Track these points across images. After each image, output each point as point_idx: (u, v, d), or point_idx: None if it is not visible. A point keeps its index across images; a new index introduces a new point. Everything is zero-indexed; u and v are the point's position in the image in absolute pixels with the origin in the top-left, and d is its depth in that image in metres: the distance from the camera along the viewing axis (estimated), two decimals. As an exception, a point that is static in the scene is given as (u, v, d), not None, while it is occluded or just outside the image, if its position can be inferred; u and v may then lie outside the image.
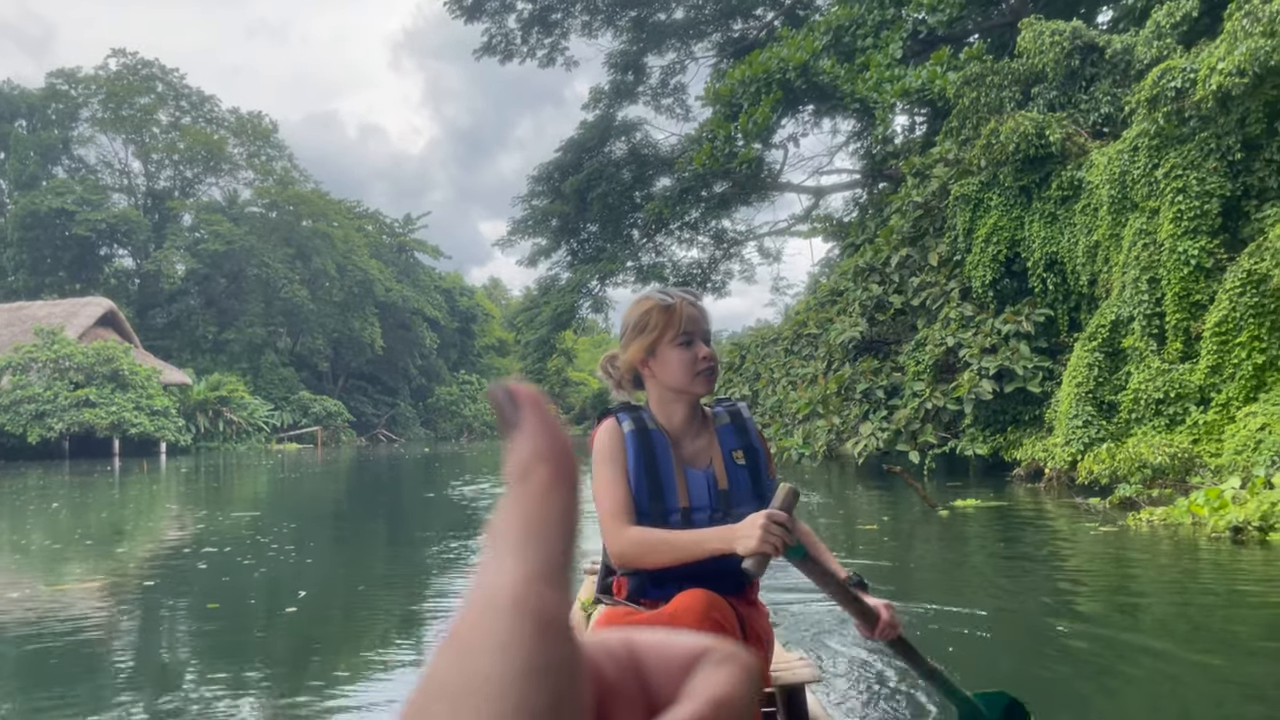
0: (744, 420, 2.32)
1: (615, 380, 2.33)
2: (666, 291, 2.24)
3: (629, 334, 2.25)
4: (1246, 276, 11.75)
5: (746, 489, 2.21)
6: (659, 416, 2.26)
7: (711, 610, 1.96)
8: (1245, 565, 6.80)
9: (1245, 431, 11.03)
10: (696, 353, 2.19)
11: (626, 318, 2.28)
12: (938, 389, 16.38)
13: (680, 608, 1.97)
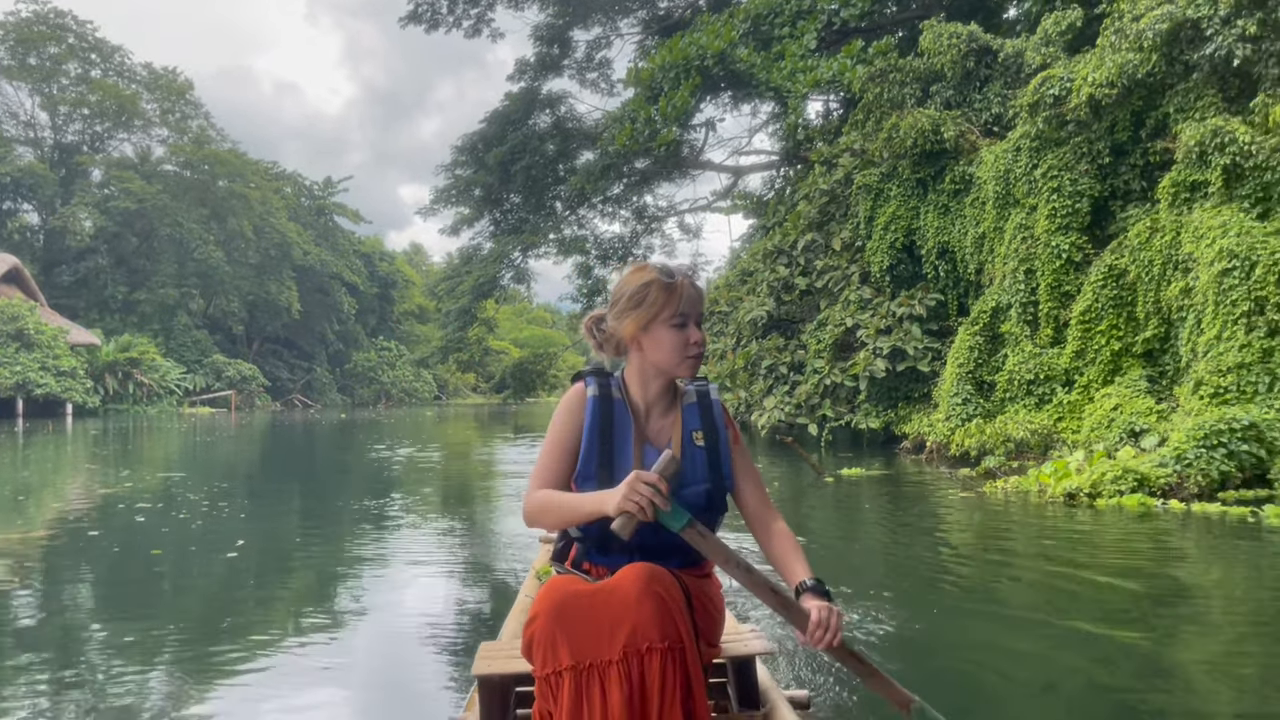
0: (710, 401, 2.28)
1: (597, 342, 2.29)
2: (668, 268, 2.20)
3: (624, 304, 2.19)
4: (1108, 271, 12.96)
5: (702, 469, 2.19)
6: (633, 388, 2.25)
7: (653, 583, 1.95)
8: (1072, 524, 7.85)
9: (1101, 411, 12.22)
10: (689, 336, 2.18)
11: (623, 285, 2.22)
12: (836, 366, 17.45)
13: (622, 579, 1.98)
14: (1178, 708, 3.51)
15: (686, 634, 1.93)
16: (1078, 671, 3.92)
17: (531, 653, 1.97)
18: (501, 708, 2.28)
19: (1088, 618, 4.76)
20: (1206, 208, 11.59)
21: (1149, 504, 8.71)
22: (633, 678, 1.86)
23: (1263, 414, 9.64)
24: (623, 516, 1.90)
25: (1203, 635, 4.55)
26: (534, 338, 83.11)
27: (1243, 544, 6.92)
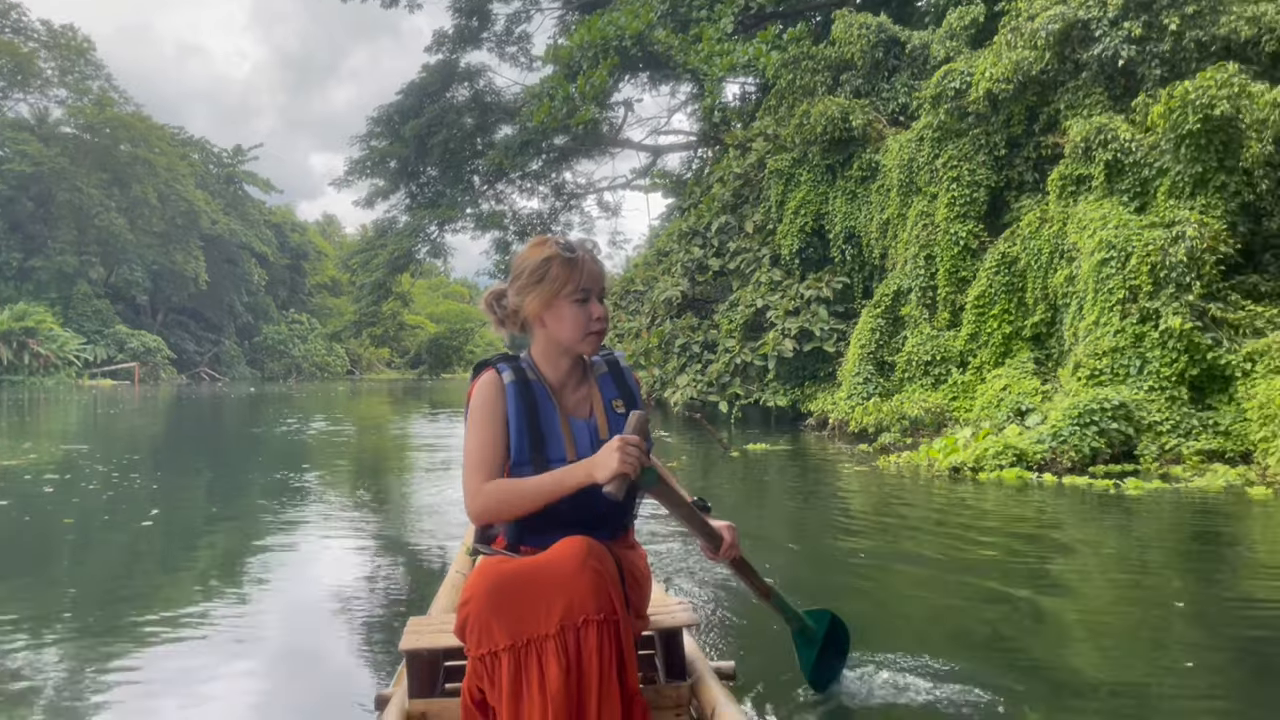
0: (621, 369, 2.32)
1: (499, 319, 2.27)
2: (569, 243, 2.19)
3: (525, 280, 2.18)
4: (1001, 258, 13.65)
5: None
6: (542, 366, 2.23)
7: (590, 556, 1.98)
8: (956, 495, 8.41)
9: (992, 391, 12.92)
10: (591, 311, 2.18)
11: (523, 261, 2.21)
12: (747, 346, 17.96)
13: (559, 554, 1.99)
14: (1051, 649, 3.96)
15: (620, 606, 1.98)
16: (963, 613, 4.37)
17: (465, 634, 1.99)
18: (430, 682, 2.29)
19: (971, 573, 5.24)
20: (1090, 200, 12.32)
21: (1026, 477, 9.36)
22: (569, 650, 1.90)
23: (1132, 394, 10.39)
24: (617, 480, 1.92)
25: (1071, 590, 5.05)
26: (451, 313, 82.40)
27: (1108, 513, 7.55)
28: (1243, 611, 4.59)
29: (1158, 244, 10.83)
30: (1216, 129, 10.95)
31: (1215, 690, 3.45)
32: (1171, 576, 5.43)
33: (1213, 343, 10.45)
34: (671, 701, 2.27)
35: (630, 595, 2.11)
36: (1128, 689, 3.41)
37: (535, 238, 2.28)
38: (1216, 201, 11.10)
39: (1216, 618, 4.44)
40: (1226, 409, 10.23)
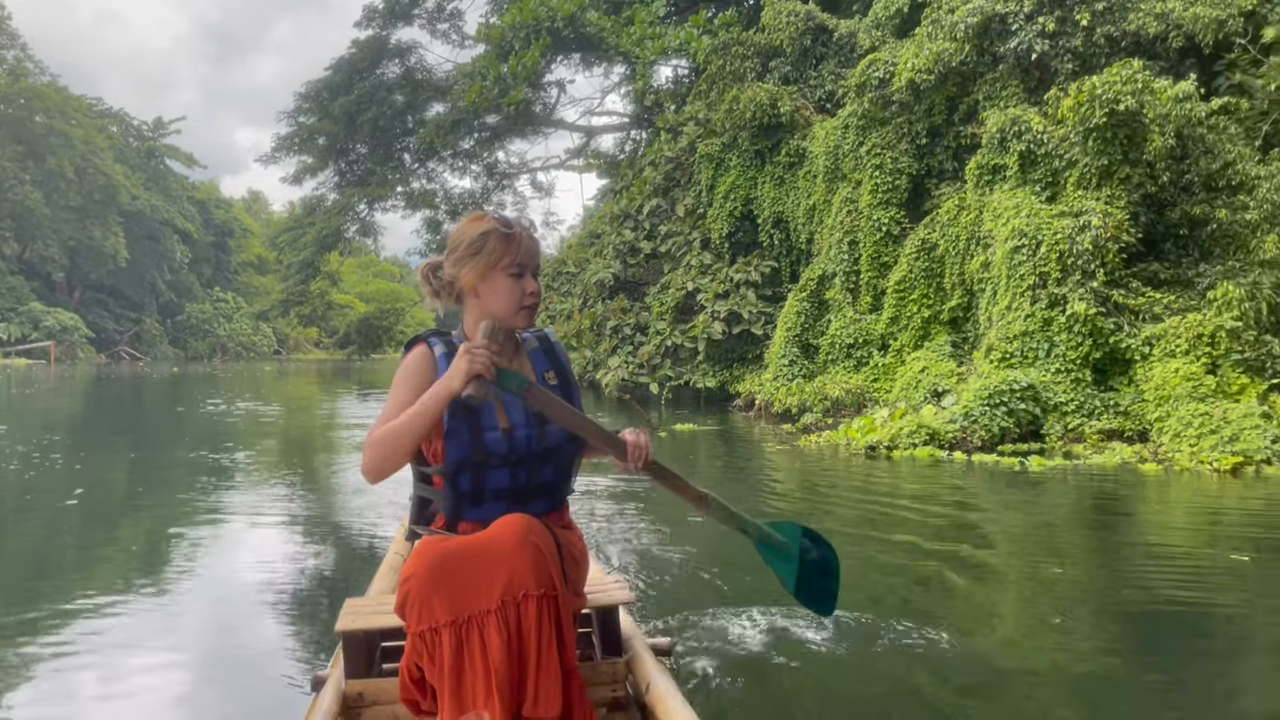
0: (553, 344, 2.37)
1: (434, 290, 2.29)
2: (506, 219, 2.22)
3: (462, 252, 2.20)
4: (921, 244, 14.10)
5: None
6: (474, 339, 2.19)
7: (530, 533, 2.02)
8: (871, 471, 8.78)
9: (910, 373, 13.37)
10: (525, 286, 2.20)
11: (460, 234, 2.23)
12: (677, 328, 18.23)
13: (500, 531, 2.03)
14: (956, 609, 4.26)
15: (559, 582, 2.03)
16: (878, 578, 4.65)
17: (406, 611, 2.00)
18: (367, 663, 2.31)
19: (885, 543, 5.54)
20: (1004, 190, 12.80)
21: (937, 455, 9.79)
22: (510, 624, 1.95)
23: (1040, 376, 10.89)
24: (473, 383, 1.96)
25: (974, 557, 5.38)
26: (381, 292, 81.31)
27: (1012, 489, 7.97)
28: (1121, 573, 4.98)
29: (1066, 233, 11.33)
30: (1121, 123, 11.47)
31: (1089, 639, 3.78)
32: (1063, 545, 5.81)
33: (1115, 327, 11.00)
34: (607, 677, 2.30)
35: (568, 573, 2.16)
36: (1017, 641, 3.73)
37: (473, 213, 2.31)
38: (1121, 192, 11.63)
39: (1097, 579, 4.81)
40: (1126, 390, 10.79)
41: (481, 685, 1.92)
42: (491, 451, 2.15)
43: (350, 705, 2.20)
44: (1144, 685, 3.36)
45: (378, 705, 2.22)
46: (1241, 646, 3.87)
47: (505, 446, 2.16)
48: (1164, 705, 3.17)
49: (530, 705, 1.96)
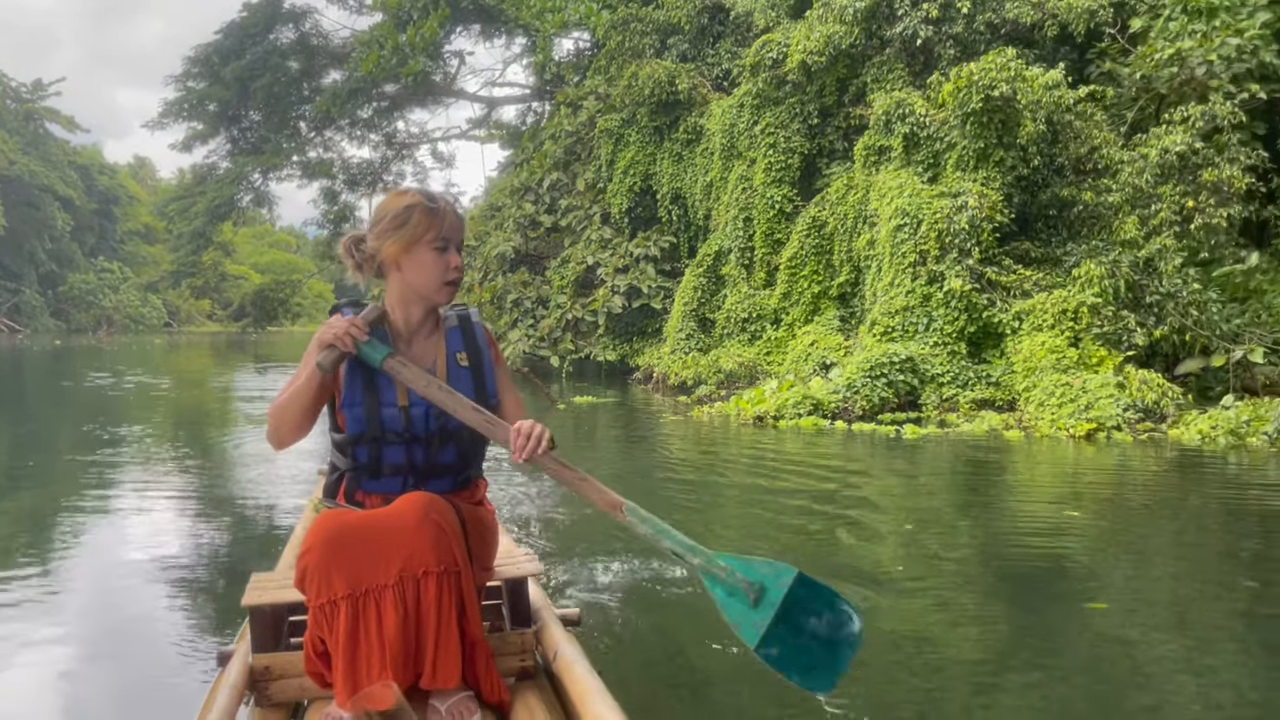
0: (472, 324, 2.34)
1: (356, 263, 2.28)
2: (431, 193, 2.22)
3: (386, 225, 2.18)
4: (812, 222, 14.59)
5: (467, 389, 2.22)
6: (394, 313, 2.25)
7: (431, 511, 2.03)
8: (759, 439, 9.19)
9: (801, 346, 13.88)
10: (449, 261, 2.20)
11: (385, 207, 2.21)
12: (578, 302, 18.44)
13: (401, 508, 2.04)
14: (841, 560, 4.62)
15: (462, 558, 2.05)
16: (770, 533, 4.99)
17: (305, 584, 2.02)
18: (274, 638, 2.31)
19: (772, 505, 5.90)
20: (889, 170, 13.34)
21: (820, 424, 10.28)
22: (408, 601, 1.98)
23: (919, 349, 11.47)
24: (325, 351, 2.04)
25: (851, 515, 5.78)
26: (277, 263, 79.16)
27: (889, 454, 8.47)
28: (984, 528, 5.44)
29: (945, 212, 11.91)
30: (996, 108, 12.07)
31: (958, 586, 4.19)
32: (934, 504, 6.28)
33: (988, 303, 11.65)
34: (516, 647, 2.34)
35: (474, 548, 2.18)
36: (901, 591, 4.10)
37: (399, 187, 2.47)
38: (996, 175, 12.26)
39: (963, 534, 5.26)
40: (997, 363, 11.46)
41: (376, 659, 1.96)
42: (388, 428, 2.16)
43: (257, 679, 2.21)
44: (1008, 624, 3.76)
45: (285, 678, 2.22)
46: (1085, 589, 4.33)
47: (401, 423, 2.16)
48: (1023, 643, 3.58)
49: (429, 678, 2.01)
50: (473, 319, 2.36)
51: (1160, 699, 3.03)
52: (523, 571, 2.50)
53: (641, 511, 2.08)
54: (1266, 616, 3.89)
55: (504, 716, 2.15)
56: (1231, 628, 3.75)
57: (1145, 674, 3.24)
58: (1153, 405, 9.82)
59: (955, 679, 3.22)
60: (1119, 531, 5.52)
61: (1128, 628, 3.70)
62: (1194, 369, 11.15)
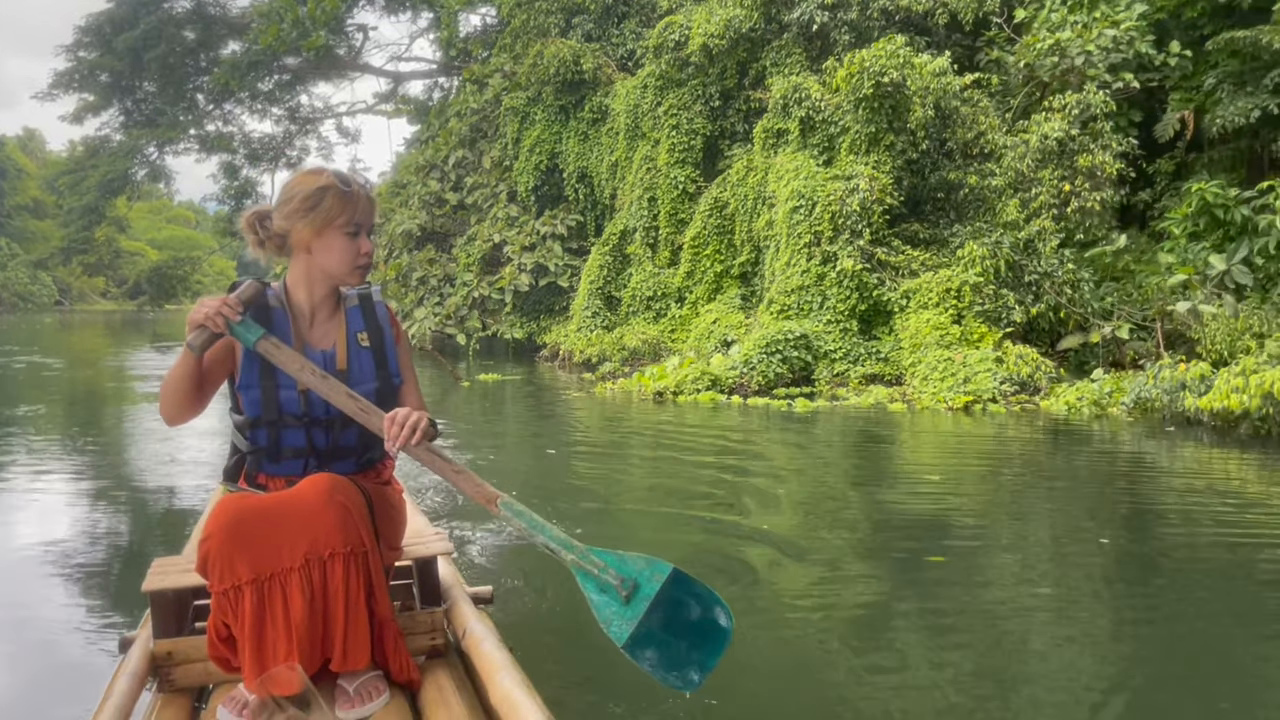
0: (373, 303, 2.29)
1: (259, 240, 2.21)
2: (345, 175, 2.18)
3: (297, 206, 2.13)
4: (714, 202, 14.93)
5: (369, 369, 2.20)
6: (296, 293, 2.22)
7: (335, 492, 2.01)
8: (660, 414, 9.49)
9: (704, 324, 14.23)
10: (360, 246, 2.17)
11: (295, 187, 2.15)
12: (484, 280, 18.50)
13: (304, 490, 2.02)
14: (738, 521, 4.90)
15: (369, 539, 2.03)
16: (666, 500, 5.26)
17: (207, 570, 1.99)
18: (176, 623, 2.28)
19: (674, 473, 6.17)
20: (786, 153, 13.73)
21: (717, 399, 10.63)
22: (314, 583, 1.96)
23: (813, 327, 11.92)
24: (195, 331, 2.00)
25: (745, 481, 6.10)
26: (175, 239, 76.67)
27: (781, 426, 8.84)
28: (861, 491, 5.81)
29: (838, 195, 12.34)
30: (887, 94, 12.53)
31: (832, 534, 4.52)
32: (820, 469, 6.65)
33: (878, 282, 12.14)
34: (426, 626, 2.32)
35: (381, 528, 2.16)
36: (798, 551, 4.40)
37: (310, 167, 2.25)
38: (886, 159, 12.74)
39: (843, 495, 5.62)
40: (887, 339, 11.98)
41: (283, 642, 1.95)
42: (286, 411, 2.13)
43: (160, 664, 2.18)
44: (890, 582, 4.09)
45: (189, 663, 2.19)
46: (950, 547, 4.71)
47: (300, 407, 2.13)
48: (903, 597, 3.91)
49: (339, 660, 2.01)
50: (374, 298, 2.30)
51: (1035, 645, 3.38)
52: (432, 550, 2.48)
53: (516, 506, 2.05)
54: (1116, 563, 4.32)
55: (414, 695, 2.14)
56: (1090, 576, 4.16)
57: (1021, 623, 3.60)
58: (1027, 379, 10.42)
59: (839, 633, 3.49)
60: (985, 494, 5.96)
61: (992, 582, 4.07)
62: (1074, 345, 11.83)
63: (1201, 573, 4.24)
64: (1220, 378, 8.05)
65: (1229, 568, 4.30)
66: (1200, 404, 8.00)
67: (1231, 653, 3.26)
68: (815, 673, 3.11)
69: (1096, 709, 2.78)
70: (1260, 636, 3.43)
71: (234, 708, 1.99)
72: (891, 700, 2.85)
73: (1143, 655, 3.22)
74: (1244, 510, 5.42)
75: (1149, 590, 3.99)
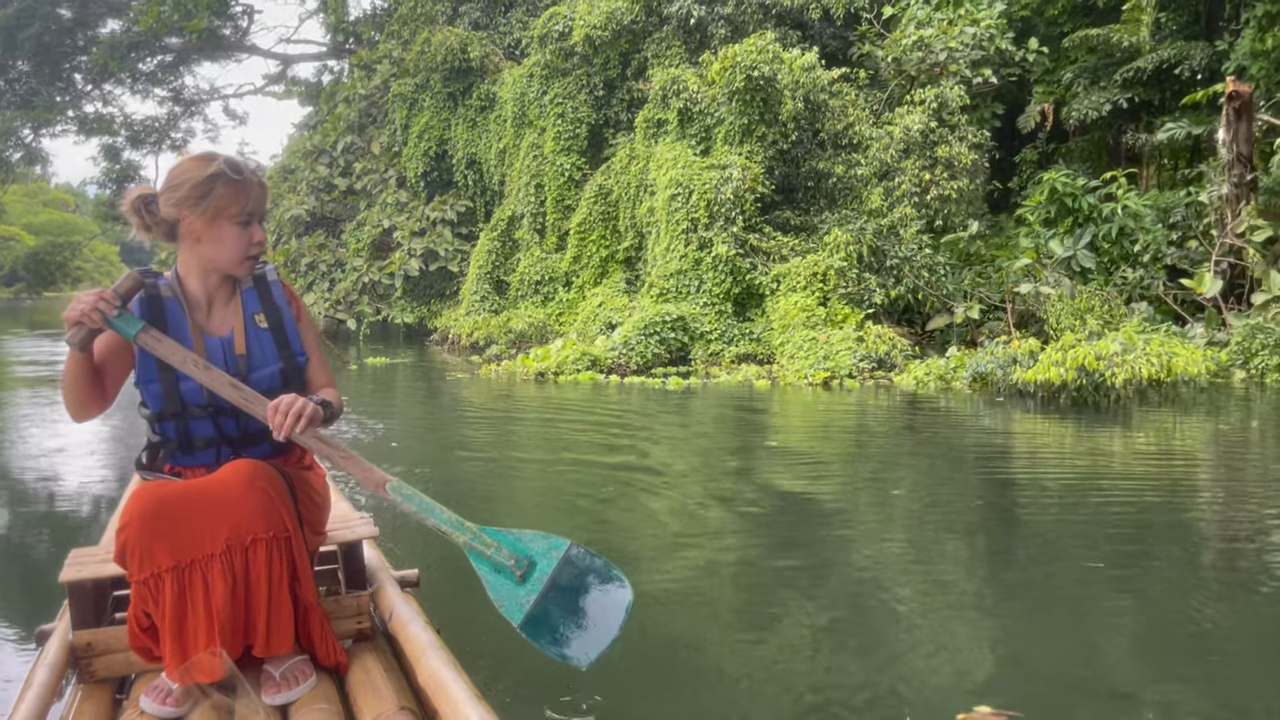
0: (268, 284, 2.25)
1: (145, 224, 2.14)
2: (236, 163, 2.11)
3: (186, 194, 2.07)
4: (599, 189, 15.37)
5: (270, 351, 2.18)
6: (188, 281, 2.17)
7: (256, 478, 1.99)
8: (542, 393, 9.92)
9: (590, 307, 14.68)
10: (252, 235, 2.13)
11: (184, 174, 2.09)
12: (374, 265, 18.59)
13: (224, 477, 2.00)
14: (620, 489, 5.35)
15: (291, 524, 2.02)
16: (560, 472, 5.68)
17: (125, 559, 1.96)
18: (95, 613, 2.24)
19: (560, 443, 6.60)
20: (666, 142, 14.26)
21: (596, 379, 11.12)
22: (236, 569, 1.95)
23: (690, 309, 12.49)
24: (74, 329, 1.98)
25: (622, 452, 6.57)
26: (53, 224, 73.33)
27: (658, 402, 9.36)
28: (715, 457, 6.36)
29: (713, 183, 12.92)
30: (759, 88, 13.15)
31: (718, 500, 5.02)
32: (686, 435, 7.18)
33: (750, 267, 12.77)
34: (352, 610, 2.32)
35: (304, 513, 2.14)
36: (675, 517, 4.88)
37: (199, 152, 2.18)
38: (759, 149, 13.38)
39: (709, 455, 6.16)
40: (759, 321, 12.63)
41: (204, 629, 1.93)
42: (189, 402, 2.10)
43: (79, 656, 2.15)
44: (757, 531, 4.60)
45: (110, 654, 2.16)
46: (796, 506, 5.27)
47: (203, 397, 2.09)
48: (780, 548, 4.42)
49: (261, 645, 2.01)
50: (269, 278, 2.25)
51: (897, 591, 3.92)
52: (358, 535, 2.47)
53: (406, 489, 2.04)
54: (961, 517, 4.94)
55: (341, 679, 2.14)
56: (935, 525, 4.76)
57: (881, 573, 4.15)
58: (885, 356, 11.18)
59: (717, 599, 3.73)
60: (834, 456, 6.58)
61: (855, 537, 4.63)
62: (941, 325, 12.65)
63: (1026, 520, 4.90)
64: (1044, 353, 8.88)
65: (1054, 515, 4.99)
66: (1027, 377, 8.81)
67: (1062, 585, 3.88)
68: (689, 635, 3.24)
69: (949, 649, 3.32)
70: (1083, 569, 4.07)
71: (157, 696, 1.97)
72: (759, 653, 3.06)
73: (991, 596, 3.80)
74: (1065, 465, 6.16)
75: (983, 541, 4.60)
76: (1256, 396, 9.44)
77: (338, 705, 2.00)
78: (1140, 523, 4.69)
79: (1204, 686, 2.81)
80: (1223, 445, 6.97)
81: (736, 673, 2.93)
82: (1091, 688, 2.78)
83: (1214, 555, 4.22)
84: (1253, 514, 4.83)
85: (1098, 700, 2.71)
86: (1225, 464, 6.32)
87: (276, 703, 1.99)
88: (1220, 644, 3.16)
